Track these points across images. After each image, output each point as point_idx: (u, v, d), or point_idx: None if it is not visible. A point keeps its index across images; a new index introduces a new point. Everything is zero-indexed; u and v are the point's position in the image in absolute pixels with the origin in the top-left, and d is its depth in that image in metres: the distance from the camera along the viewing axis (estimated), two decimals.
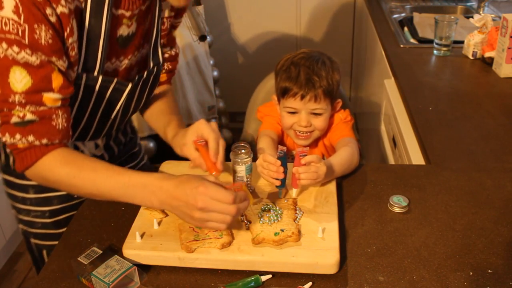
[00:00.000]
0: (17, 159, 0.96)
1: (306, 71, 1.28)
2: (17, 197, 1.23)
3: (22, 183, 1.20)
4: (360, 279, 0.91)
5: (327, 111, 1.33)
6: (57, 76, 0.92)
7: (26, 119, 0.91)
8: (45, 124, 0.93)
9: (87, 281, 0.92)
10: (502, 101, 1.56)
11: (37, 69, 0.89)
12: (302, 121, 1.31)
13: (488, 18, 1.82)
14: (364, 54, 2.88)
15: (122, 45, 1.07)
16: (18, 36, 0.86)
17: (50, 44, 0.89)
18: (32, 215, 1.24)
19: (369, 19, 2.57)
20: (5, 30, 0.85)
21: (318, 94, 1.28)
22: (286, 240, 0.95)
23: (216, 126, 1.09)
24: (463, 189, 1.14)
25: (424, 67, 1.86)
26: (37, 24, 0.86)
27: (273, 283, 0.91)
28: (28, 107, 0.91)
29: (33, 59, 0.88)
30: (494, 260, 0.94)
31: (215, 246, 0.94)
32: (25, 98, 0.90)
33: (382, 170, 1.24)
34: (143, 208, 1.06)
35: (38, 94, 0.91)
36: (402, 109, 1.63)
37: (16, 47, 0.86)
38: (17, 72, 0.88)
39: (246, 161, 1.09)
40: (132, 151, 1.41)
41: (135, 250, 0.95)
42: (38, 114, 0.92)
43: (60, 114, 0.95)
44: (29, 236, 1.29)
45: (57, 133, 0.95)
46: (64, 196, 1.23)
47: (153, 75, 1.17)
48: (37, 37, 0.87)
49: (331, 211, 1.03)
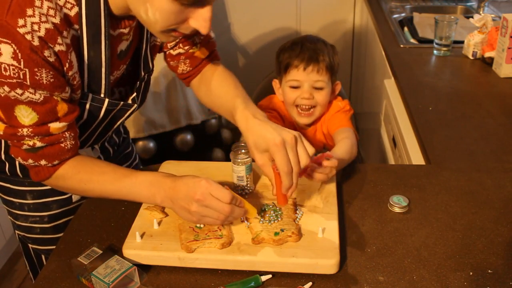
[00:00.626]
0: (32, 172, 1.02)
1: (308, 46, 1.35)
2: (15, 204, 1.22)
3: (20, 189, 1.20)
4: (360, 279, 0.91)
5: (328, 86, 1.37)
6: (62, 107, 0.94)
7: (37, 146, 0.96)
8: (55, 148, 0.97)
9: (87, 281, 0.92)
10: (502, 101, 1.56)
11: (41, 105, 0.92)
12: (304, 93, 1.35)
13: (488, 18, 1.82)
14: (364, 54, 2.88)
15: (122, 58, 1.07)
16: (20, 79, 0.87)
17: (52, 82, 0.90)
18: (31, 220, 1.23)
19: (369, 19, 2.57)
20: (6, 75, 0.86)
21: (321, 67, 1.34)
22: (286, 240, 0.95)
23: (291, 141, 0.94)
24: (463, 189, 1.14)
25: (424, 67, 1.86)
26: (37, 68, 0.87)
27: (273, 283, 0.91)
28: (36, 137, 0.95)
29: (37, 97, 0.90)
30: (494, 260, 0.94)
31: (215, 246, 0.94)
32: (33, 131, 0.93)
33: (382, 170, 1.24)
34: (143, 208, 1.06)
35: (45, 126, 0.94)
36: (402, 109, 1.63)
37: (19, 89, 0.88)
38: (23, 110, 0.91)
39: (246, 161, 1.09)
40: (126, 151, 1.41)
41: (135, 250, 0.95)
42: (47, 141, 0.96)
43: (67, 136, 0.98)
44: (27, 242, 1.29)
45: (66, 152, 0.99)
46: (63, 201, 1.22)
47: (144, 81, 1.17)
48: (38, 78, 0.88)
49: (331, 211, 1.03)
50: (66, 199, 1.22)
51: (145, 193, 0.98)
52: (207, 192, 0.91)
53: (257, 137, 0.95)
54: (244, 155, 1.10)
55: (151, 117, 2.52)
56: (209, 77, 1.20)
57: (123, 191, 1.00)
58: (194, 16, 0.89)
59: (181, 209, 0.95)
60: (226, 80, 1.17)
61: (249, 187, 1.12)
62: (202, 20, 0.89)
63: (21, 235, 1.28)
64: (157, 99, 2.42)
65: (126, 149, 1.42)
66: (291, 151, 0.92)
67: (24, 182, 1.19)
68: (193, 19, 0.89)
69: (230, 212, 0.92)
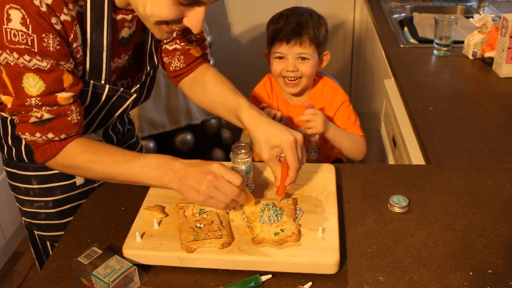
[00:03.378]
0: (37, 152, 1.03)
1: (293, 19, 1.40)
2: (21, 189, 1.25)
3: (25, 174, 1.23)
4: (360, 279, 0.91)
5: (313, 58, 1.42)
6: (67, 77, 0.98)
7: (44, 118, 0.98)
8: (62, 120, 1.00)
9: (87, 281, 0.92)
10: (502, 101, 1.56)
11: (48, 73, 0.95)
12: (289, 66, 1.41)
13: (488, 18, 1.82)
14: (364, 54, 2.88)
15: (124, 45, 1.10)
16: (28, 45, 0.91)
17: (58, 50, 0.94)
18: (36, 206, 1.26)
19: (369, 19, 2.57)
20: (15, 41, 0.90)
21: (304, 40, 1.39)
22: (286, 240, 0.95)
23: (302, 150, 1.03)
24: (463, 189, 1.14)
25: (424, 67, 1.86)
26: (44, 34, 0.91)
27: (273, 283, 0.91)
28: (44, 107, 0.97)
29: (44, 64, 0.94)
30: (494, 260, 0.94)
31: (215, 246, 0.94)
32: (40, 100, 0.96)
33: (382, 170, 1.24)
34: (143, 208, 1.07)
35: (52, 96, 0.97)
36: (402, 109, 1.63)
37: (27, 56, 0.92)
38: (30, 78, 0.94)
39: (246, 161, 1.09)
40: (130, 141, 1.44)
41: (135, 250, 0.95)
42: (55, 112, 0.99)
43: (73, 109, 1.01)
44: (32, 228, 1.31)
45: (73, 127, 1.02)
46: (66, 186, 1.24)
47: (150, 77, 1.22)
48: (45, 45, 0.92)
49: (331, 211, 1.03)
50: (70, 185, 1.24)
51: (153, 174, 0.99)
52: (220, 174, 0.95)
53: (269, 134, 1.02)
54: (244, 155, 1.10)
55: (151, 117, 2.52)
56: (203, 76, 1.24)
57: (132, 172, 1.01)
58: (188, 15, 0.94)
59: (189, 189, 0.96)
60: (222, 80, 1.22)
61: (249, 187, 1.12)
62: (196, 20, 0.94)
63: (27, 222, 1.31)
64: (157, 99, 2.42)
65: (130, 139, 1.44)
66: (300, 150, 1.02)
67: (29, 167, 1.22)
68: (187, 18, 0.94)
69: (238, 196, 0.96)
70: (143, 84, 1.20)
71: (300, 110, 1.49)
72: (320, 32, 1.41)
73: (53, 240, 1.31)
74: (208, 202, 0.97)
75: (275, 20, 1.44)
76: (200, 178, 0.95)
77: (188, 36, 1.20)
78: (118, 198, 1.16)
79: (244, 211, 1.03)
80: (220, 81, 1.21)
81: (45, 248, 1.34)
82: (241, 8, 3.14)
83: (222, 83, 1.20)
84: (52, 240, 1.31)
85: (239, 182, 0.96)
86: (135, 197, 1.14)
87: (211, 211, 1.03)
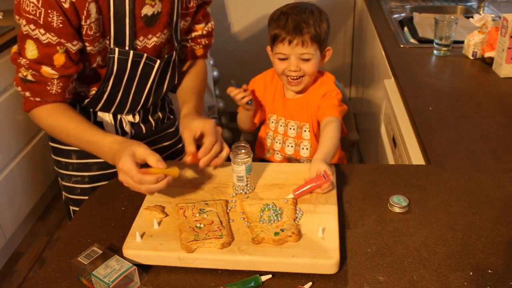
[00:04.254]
0: (23, 101, 1.19)
1: (293, 18, 1.38)
2: (61, 163, 1.36)
3: (66, 148, 1.34)
4: (360, 279, 0.91)
5: (316, 57, 1.41)
6: (58, 57, 1.10)
7: (27, 78, 1.13)
8: (40, 86, 1.14)
9: (87, 281, 0.92)
10: (502, 101, 1.56)
11: (44, 46, 1.08)
12: (291, 66, 1.40)
13: (488, 18, 1.82)
14: (364, 54, 2.88)
15: (149, 24, 1.19)
16: (36, 16, 1.05)
17: (61, 28, 1.06)
18: (73, 180, 1.37)
19: (369, 19, 2.57)
20: (27, 10, 1.05)
21: (305, 39, 1.37)
22: (286, 240, 0.95)
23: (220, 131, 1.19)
24: (463, 189, 1.14)
25: (424, 67, 1.86)
26: (50, 10, 1.04)
27: (273, 283, 0.91)
28: (30, 71, 1.12)
29: (44, 38, 1.07)
30: (494, 260, 0.94)
31: (215, 246, 0.94)
32: (28, 64, 1.11)
33: (382, 170, 1.24)
34: (143, 208, 1.07)
35: (39, 65, 1.11)
36: (402, 109, 1.63)
37: (33, 25, 1.06)
38: (30, 44, 1.09)
39: (246, 161, 1.10)
40: (169, 129, 1.49)
41: (135, 250, 0.95)
42: (37, 78, 1.13)
43: (55, 82, 1.14)
44: (69, 203, 1.40)
45: (50, 95, 1.15)
46: (102, 163, 1.31)
47: (176, 53, 1.31)
48: (50, 20, 1.05)
49: (331, 211, 1.03)
50: (105, 162, 1.25)
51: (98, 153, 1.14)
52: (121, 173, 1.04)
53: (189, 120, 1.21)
54: (244, 155, 1.10)
55: None
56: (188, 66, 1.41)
57: (83, 145, 1.16)
58: None
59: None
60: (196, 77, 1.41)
61: (249, 187, 1.12)
62: None
63: (66, 197, 1.41)
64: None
65: (170, 128, 1.50)
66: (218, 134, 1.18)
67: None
68: None
69: (140, 183, 1.02)
70: (169, 56, 1.28)
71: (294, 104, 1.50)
72: (322, 29, 1.40)
73: None
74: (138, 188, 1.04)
75: (276, 18, 1.43)
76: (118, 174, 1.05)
77: (200, 39, 1.39)
78: (118, 198, 1.16)
79: (244, 211, 1.03)
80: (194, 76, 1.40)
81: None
82: (241, 8, 3.14)
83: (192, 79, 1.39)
84: None
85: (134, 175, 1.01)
86: (135, 197, 1.14)
87: (211, 211, 1.03)
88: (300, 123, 1.50)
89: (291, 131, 1.51)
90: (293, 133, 1.51)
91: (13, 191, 2.33)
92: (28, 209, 2.50)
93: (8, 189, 2.29)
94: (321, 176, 1.08)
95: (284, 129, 1.52)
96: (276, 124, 1.53)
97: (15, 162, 2.33)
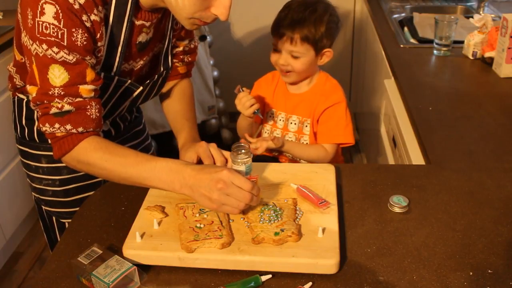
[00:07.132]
0: (55, 147, 1.07)
1: (292, 14, 1.40)
2: (31, 166, 1.33)
3: (36, 153, 1.30)
4: (360, 279, 0.91)
5: (306, 56, 1.43)
6: (90, 71, 1.04)
7: (64, 109, 1.03)
8: (81, 114, 1.04)
9: (87, 281, 0.92)
10: (502, 101, 1.56)
11: (73, 65, 1.01)
12: (280, 59, 1.45)
13: (488, 18, 1.82)
14: (364, 54, 2.88)
15: (140, 50, 1.18)
16: (58, 38, 0.98)
17: (85, 45, 1.01)
18: (44, 183, 1.34)
19: (369, 19, 2.57)
20: (46, 33, 0.97)
21: (295, 38, 1.39)
22: (286, 240, 0.95)
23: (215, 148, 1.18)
24: (463, 189, 1.14)
25: (424, 67, 1.86)
26: (75, 29, 0.99)
27: (273, 283, 0.91)
28: (66, 99, 1.02)
29: (70, 57, 1.00)
30: (494, 260, 0.94)
31: (215, 246, 0.94)
32: (63, 90, 1.01)
33: (382, 170, 1.24)
34: (143, 208, 1.07)
35: (75, 87, 1.02)
36: (402, 109, 1.63)
37: (56, 48, 0.99)
38: (56, 69, 1.00)
39: (246, 161, 1.10)
40: (136, 128, 1.49)
41: (135, 250, 0.95)
42: (75, 105, 1.03)
43: (93, 104, 1.06)
44: (40, 203, 1.40)
45: (91, 122, 1.06)
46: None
47: (162, 77, 1.29)
48: (74, 39, 0.99)
49: (331, 211, 1.03)
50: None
51: (165, 178, 1.01)
52: (229, 181, 0.95)
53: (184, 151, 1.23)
54: (244, 155, 1.10)
55: (151, 117, 2.52)
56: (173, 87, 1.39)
57: (143, 174, 1.03)
58: (215, 4, 1.03)
59: (201, 197, 0.98)
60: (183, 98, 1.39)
61: None
62: (223, 8, 1.03)
63: (36, 197, 1.39)
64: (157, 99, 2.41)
65: (137, 126, 1.49)
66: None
67: (40, 147, 1.29)
68: (214, 7, 1.03)
69: (250, 200, 0.97)
70: (154, 82, 1.27)
71: (298, 99, 1.50)
72: (318, 30, 1.39)
73: (58, 216, 1.39)
74: (222, 209, 0.98)
75: (281, 9, 1.45)
76: (211, 187, 0.96)
77: (183, 56, 1.36)
78: (118, 198, 1.16)
79: (244, 211, 1.03)
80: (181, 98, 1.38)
81: (51, 221, 1.42)
82: (241, 8, 3.13)
83: (180, 102, 1.38)
84: (58, 215, 1.38)
85: (249, 187, 0.96)
86: (135, 197, 1.14)
87: (211, 211, 1.03)
88: (302, 118, 1.50)
89: (292, 126, 1.52)
90: (294, 128, 1.51)
91: (13, 191, 2.33)
92: (28, 209, 2.49)
93: (8, 189, 2.29)
94: (322, 199, 1.05)
95: (283, 123, 1.53)
96: (276, 119, 1.54)
97: (15, 162, 2.33)
